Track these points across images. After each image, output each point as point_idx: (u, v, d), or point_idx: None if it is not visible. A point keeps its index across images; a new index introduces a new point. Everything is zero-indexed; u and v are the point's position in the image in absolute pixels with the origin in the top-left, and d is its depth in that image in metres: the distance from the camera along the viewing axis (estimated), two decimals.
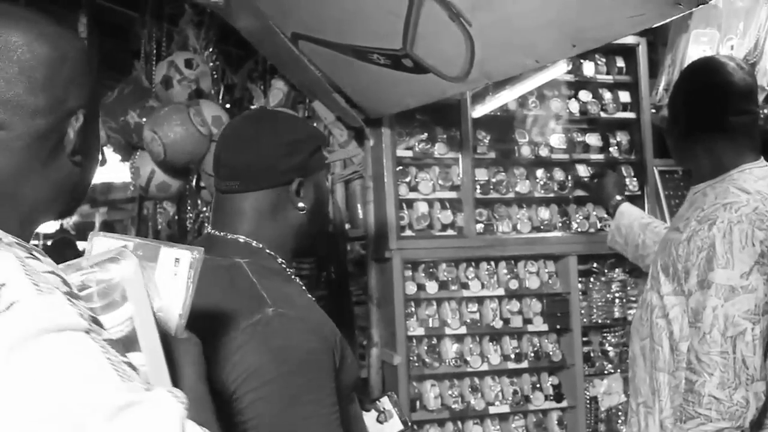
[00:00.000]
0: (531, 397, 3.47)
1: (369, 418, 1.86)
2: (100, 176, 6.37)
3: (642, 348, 2.33)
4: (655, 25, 1.99)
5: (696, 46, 3.50)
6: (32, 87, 0.98)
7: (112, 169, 5.26)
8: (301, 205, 1.65)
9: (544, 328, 3.51)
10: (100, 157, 1.18)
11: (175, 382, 1.01)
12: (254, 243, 1.62)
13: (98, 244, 1.07)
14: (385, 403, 1.89)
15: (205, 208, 3.84)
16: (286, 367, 1.42)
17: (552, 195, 3.64)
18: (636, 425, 2.31)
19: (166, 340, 1.04)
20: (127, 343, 0.93)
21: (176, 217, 4.41)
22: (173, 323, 1.08)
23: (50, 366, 0.81)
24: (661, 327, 2.23)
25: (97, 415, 0.79)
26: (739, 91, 2.26)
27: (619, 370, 3.57)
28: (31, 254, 0.91)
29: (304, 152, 1.65)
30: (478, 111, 3.48)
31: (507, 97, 3.46)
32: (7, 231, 0.95)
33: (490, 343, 3.45)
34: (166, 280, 1.07)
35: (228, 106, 3.91)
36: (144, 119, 3.47)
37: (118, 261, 0.96)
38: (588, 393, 3.55)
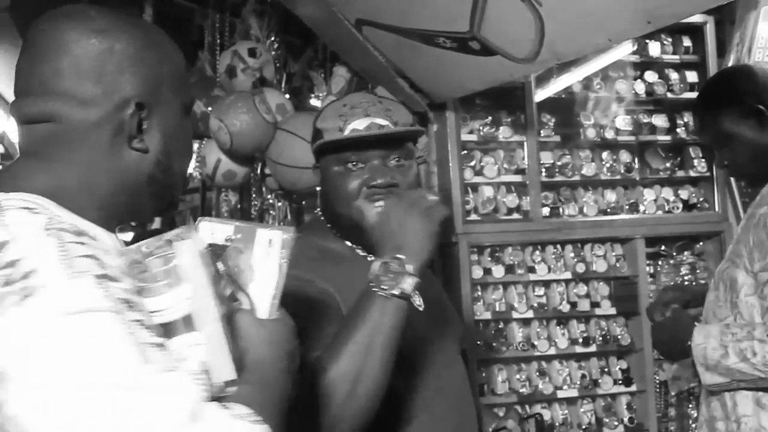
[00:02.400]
0: (599, 381, 3.45)
1: None
2: None
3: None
4: (728, 1, 1.95)
5: (766, 24, 3.41)
6: (80, 79, 1.03)
7: None
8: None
9: (612, 311, 3.48)
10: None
11: (245, 361, 1.02)
12: (321, 216, 1.71)
13: (203, 228, 1.09)
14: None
15: (269, 196, 3.86)
16: None
17: (618, 177, 3.60)
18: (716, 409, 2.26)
19: (243, 319, 1.05)
20: (185, 323, 0.97)
21: (239, 206, 4.45)
22: (266, 304, 1.09)
23: (69, 345, 0.85)
24: (751, 305, 2.17)
25: (97, 392, 0.83)
26: None
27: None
28: (79, 238, 0.94)
29: None
30: (542, 94, 3.45)
31: (571, 79, 3.43)
32: (85, 218, 1.01)
33: (557, 327, 3.43)
34: (261, 262, 1.09)
35: (287, 96, 3.92)
36: (210, 108, 3.51)
37: (179, 241, 0.99)
38: (657, 377, 3.51)
